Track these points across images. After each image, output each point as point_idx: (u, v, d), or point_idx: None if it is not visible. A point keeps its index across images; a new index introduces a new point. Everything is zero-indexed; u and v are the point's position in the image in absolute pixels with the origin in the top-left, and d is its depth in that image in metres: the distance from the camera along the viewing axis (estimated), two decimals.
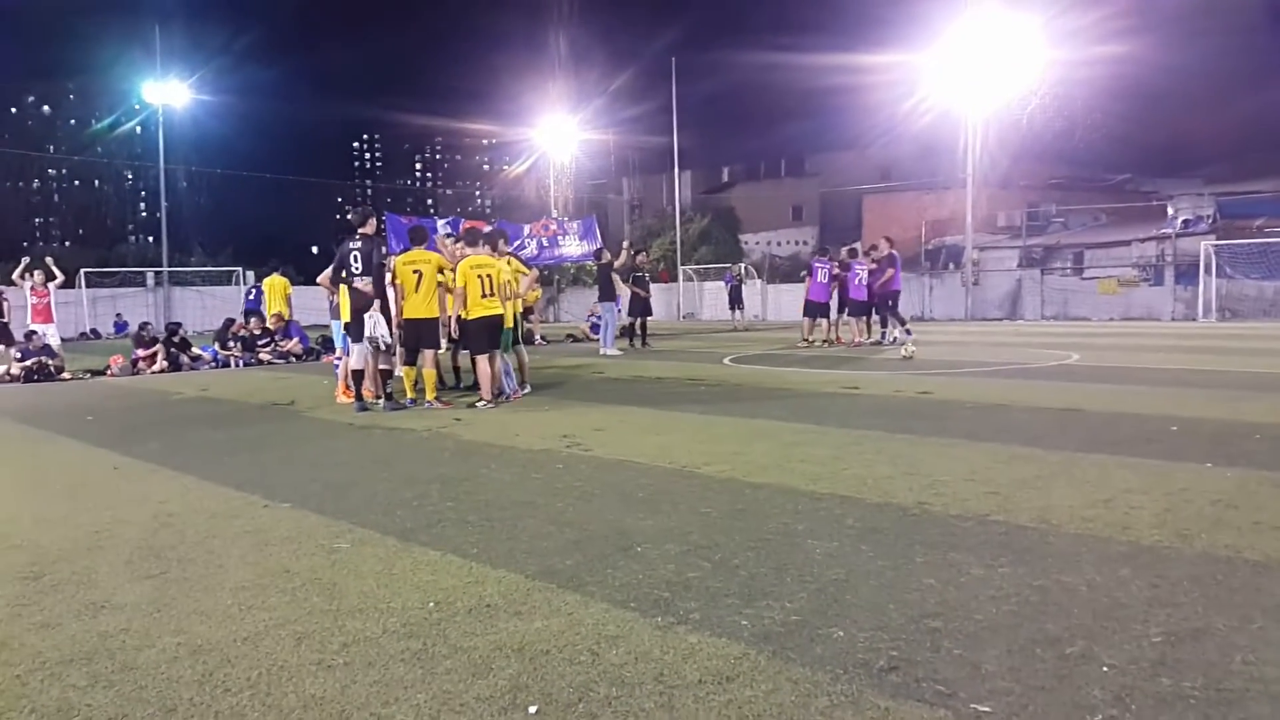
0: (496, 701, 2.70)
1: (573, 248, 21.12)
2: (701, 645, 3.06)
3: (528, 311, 14.01)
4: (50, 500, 5.69)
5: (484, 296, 9.45)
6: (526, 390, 10.43)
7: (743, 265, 35.62)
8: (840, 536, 4.30)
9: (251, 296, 25.45)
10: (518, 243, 18.38)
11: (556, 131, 40.54)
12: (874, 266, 17.09)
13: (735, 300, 28.62)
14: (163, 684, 2.90)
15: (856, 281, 17.29)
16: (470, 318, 9.46)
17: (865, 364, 13.62)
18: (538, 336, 19.89)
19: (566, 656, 3.01)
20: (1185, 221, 31.64)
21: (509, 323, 10.08)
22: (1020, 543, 4.13)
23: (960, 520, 4.53)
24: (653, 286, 22.26)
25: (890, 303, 16.91)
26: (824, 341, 18.01)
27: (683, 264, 40.87)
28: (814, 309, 17.85)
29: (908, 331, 15.46)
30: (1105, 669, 2.79)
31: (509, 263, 10.87)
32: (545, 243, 20.61)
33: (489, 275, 9.54)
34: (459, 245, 10.43)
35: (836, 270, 17.94)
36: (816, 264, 18.25)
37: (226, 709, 2.72)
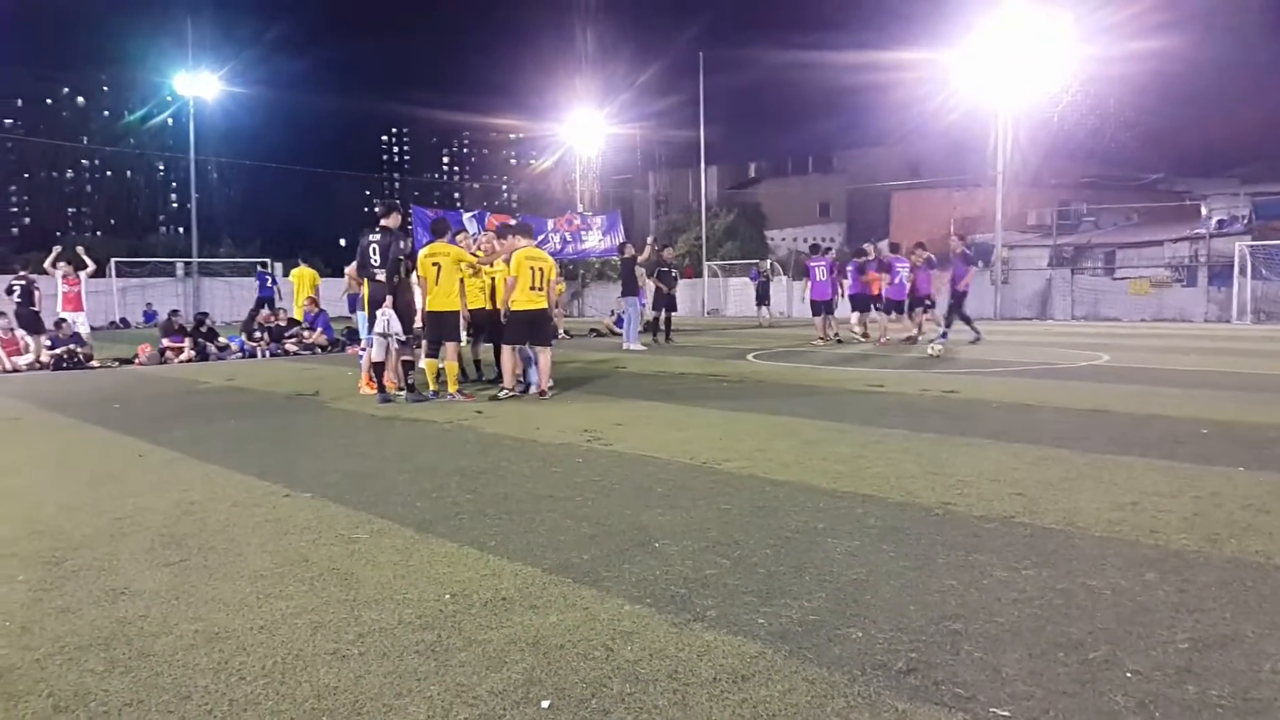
0: (510, 695, 2.68)
1: (596, 242, 21.11)
2: (717, 643, 3.03)
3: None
4: (75, 487, 5.75)
5: (532, 289, 9.46)
6: (550, 385, 10.42)
7: (770, 261, 35.48)
8: (861, 536, 4.25)
9: (269, 285, 25.75)
10: (541, 237, 18.40)
11: (583, 126, 40.55)
12: (917, 265, 16.93)
13: (762, 296, 28.50)
14: (179, 671, 2.91)
15: (897, 280, 17.12)
16: (516, 309, 9.47)
17: (891, 362, 13.51)
18: (561, 331, 19.90)
19: (581, 651, 2.98)
20: (1220, 222, 31.15)
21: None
22: (1045, 545, 4.06)
23: (984, 521, 4.47)
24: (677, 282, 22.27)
25: (955, 302, 16.89)
26: (835, 338, 18.13)
27: (708, 260, 40.76)
28: (819, 307, 18.29)
29: (944, 335, 15.31)
30: (1129, 675, 2.73)
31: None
32: (569, 237, 20.62)
33: (540, 269, 9.55)
34: (496, 239, 10.45)
35: (849, 265, 18.42)
36: (813, 263, 18.64)
37: (241, 697, 2.72)
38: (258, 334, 17.39)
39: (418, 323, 9.86)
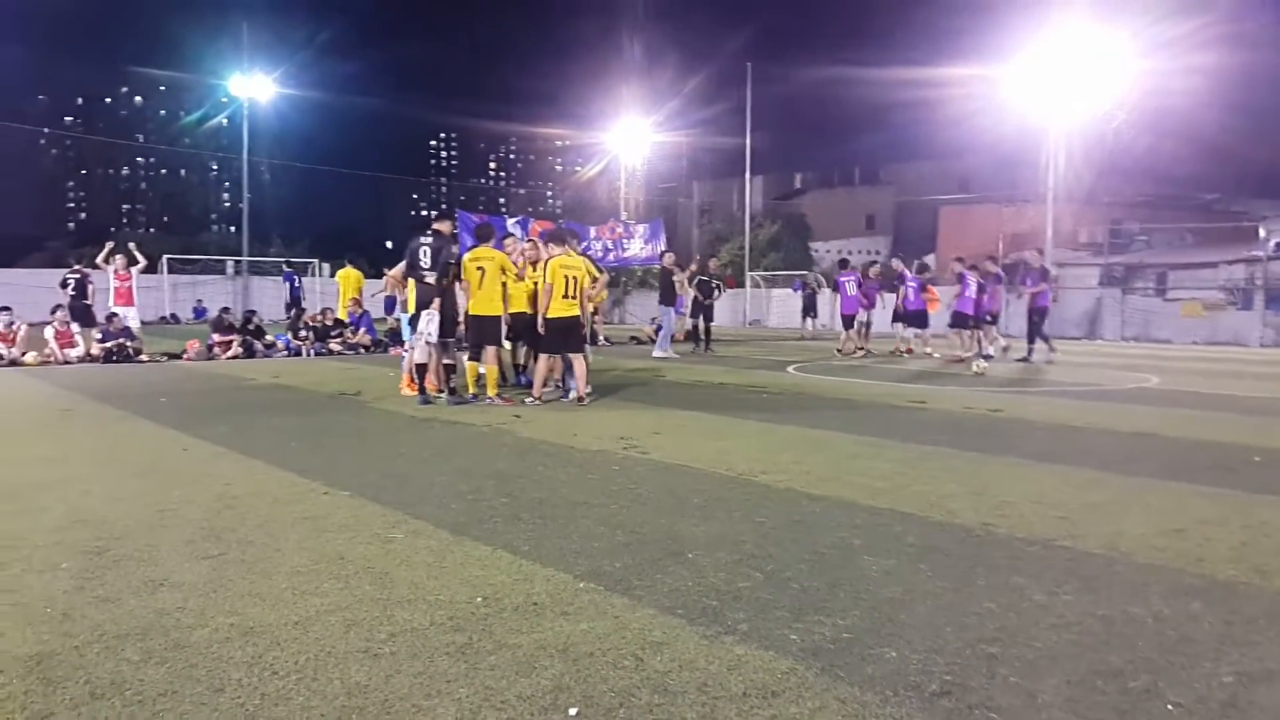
0: (538, 701, 2.68)
1: (638, 250, 21.16)
2: (748, 657, 3.00)
3: (593, 313, 14.06)
4: (121, 478, 5.87)
5: (565, 297, 9.53)
6: (589, 391, 10.45)
7: (816, 273, 35.27)
8: (899, 554, 4.19)
9: (296, 285, 26.23)
10: (583, 244, 18.52)
11: (628, 134, 40.66)
12: (981, 281, 16.70)
13: (809, 308, 28.34)
14: (213, 663, 2.95)
15: (967, 293, 16.85)
16: (549, 316, 9.55)
17: (935, 378, 13.34)
18: (601, 338, 19.95)
19: (610, 660, 2.97)
20: (1278, 244, 30.34)
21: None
22: (1087, 570, 3.97)
23: (1025, 544, 4.38)
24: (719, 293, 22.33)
25: (1036, 318, 16.71)
26: (859, 349, 18.42)
27: (751, 270, 40.62)
28: (847, 321, 18.94)
29: (987, 357, 15.04)
30: (1170, 707, 2.65)
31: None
32: (611, 245, 20.70)
33: (574, 276, 9.62)
34: (535, 246, 10.52)
35: (876, 281, 19.18)
36: (842, 278, 19.37)
37: (273, 691, 2.75)
38: (303, 333, 17.65)
39: (460, 326, 9.95)
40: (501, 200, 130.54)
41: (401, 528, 4.60)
